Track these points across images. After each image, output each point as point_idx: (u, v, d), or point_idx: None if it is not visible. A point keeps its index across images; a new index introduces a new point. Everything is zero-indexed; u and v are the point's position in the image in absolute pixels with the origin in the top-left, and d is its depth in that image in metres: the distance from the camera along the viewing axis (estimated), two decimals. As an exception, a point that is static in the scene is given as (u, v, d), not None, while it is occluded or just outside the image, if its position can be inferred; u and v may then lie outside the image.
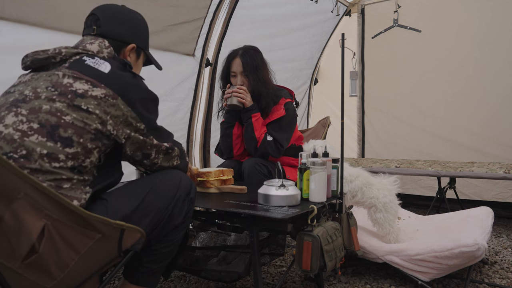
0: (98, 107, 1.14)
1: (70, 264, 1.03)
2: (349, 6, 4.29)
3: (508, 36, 3.45)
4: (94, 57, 1.23)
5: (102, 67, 1.20)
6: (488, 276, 2.17)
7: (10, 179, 0.90)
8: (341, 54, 1.79)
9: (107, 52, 1.30)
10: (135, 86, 1.25)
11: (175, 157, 1.40)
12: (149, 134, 1.28)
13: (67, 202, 0.98)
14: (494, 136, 3.53)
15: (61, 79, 1.15)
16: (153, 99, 1.32)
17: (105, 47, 1.30)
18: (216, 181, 1.93)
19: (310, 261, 1.52)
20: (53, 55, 1.21)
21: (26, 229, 0.94)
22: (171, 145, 1.37)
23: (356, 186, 2.10)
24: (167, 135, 1.40)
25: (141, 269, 1.32)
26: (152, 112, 1.32)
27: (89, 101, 1.13)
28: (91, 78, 1.16)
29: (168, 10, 2.64)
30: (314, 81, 4.58)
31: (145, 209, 1.22)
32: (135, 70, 1.45)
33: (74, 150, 1.10)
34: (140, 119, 1.24)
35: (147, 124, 1.27)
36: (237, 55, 2.26)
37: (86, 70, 1.18)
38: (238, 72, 2.25)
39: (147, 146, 1.29)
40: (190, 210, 1.38)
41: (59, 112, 1.11)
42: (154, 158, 1.33)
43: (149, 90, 1.31)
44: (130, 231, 1.13)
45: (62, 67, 1.19)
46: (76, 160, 1.11)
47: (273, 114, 2.26)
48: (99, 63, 1.21)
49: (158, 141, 1.32)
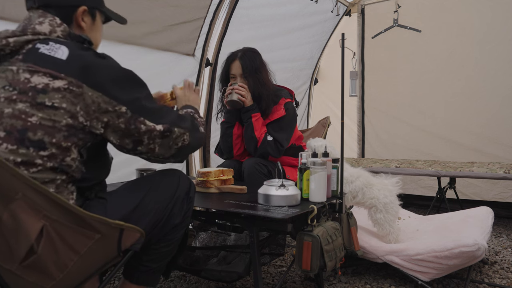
0: (64, 100, 1.04)
1: (69, 265, 1.02)
2: (349, 6, 4.29)
3: (508, 36, 3.45)
4: (48, 42, 1.09)
5: (59, 53, 1.07)
6: (488, 276, 2.17)
7: (7, 180, 0.89)
8: (341, 54, 1.79)
9: (60, 31, 1.15)
10: (99, 66, 1.11)
11: (178, 138, 1.24)
12: (136, 116, 1.14)
13: (65, 202, 0.98)
14: (494, 136, 3.53)
15: (17, 75, 1.04)
16: (127, 75, 1.18)
17: (57, 25, 1.15)
18: (216, 181, 1.93)
19: (310, 261, 1.52)
20: (1, 47, 1.08)
21: (25, 230, 0.93)
22: (167, 127, 1.20)
23: (356, 187, 2.10)
24: (165, 113, 1.24)
25: (141, 268, 1.31)
26: (132, 90, 1.16)
27: (53, 96, 1.04)
28: (49, 69, 1.05)
29: (168, 10, 2.64)
30: (314, 81, 4.58)
31: (144, 208, 1.22)
32: (93, 34, 1.29)
33: (48, 152, 1.04)
34: (117, 101, 1.11)
35: (130, 105, 1.13)
36: (236, 58, 2.25)
37: (42, 61, 1.06)
38: (237, 74, 2.25)
39: (133, 131, 1.15)
40: (189, 209, 1.37)
41: (23, 114, 1.02)
42: (148, 144, 1.19)
43: (119, 66, 1.17)
44: (130, 230, 1.13)
45: (16, 60, 1.07)
46: (54, 160, 1.05)
47: (273, 114, 2.26)
48: (55, 48, 1.07)
49: (152, 122, 1.17)
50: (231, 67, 2.28)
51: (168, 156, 1.26)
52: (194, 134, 1.30)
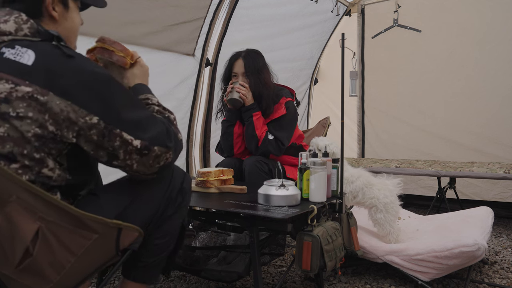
0: (29, 109, 0.95)
1: (66, 266, 1.00)
2: (349, 6, 4.29)
3: (508, 36, 3.44)
4: (14, 46, 0.99)
5: (25, 58, 0.97)
6: (488, 276, 2.17)
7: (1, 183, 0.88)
8: (341, 54, 1.79)
9: (27, 28, 1.04)
10: (67, 69, 0.99)
11: (159, 157, 1.10)
12: (111, 127, 1.02)
13: (61, 203, 0.96)
14: (494, 136, 3.53)
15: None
16: (100, 79, 1.04)
17: (23, 22, 1.04)
18: (216, 181, 1.93)
19: (310, 261, 1.52)
20: None
21: (20, 232, 0.92)
22: (146, 144, 1.06)
23: (357, 187, 2.10)
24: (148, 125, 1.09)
25: (137, 264, 1.28)
26: (107, 97, 1.03)
27: (17, 105, 0.95)
28: (12, 75, 0.96)
29: (168, 10, 2.64)
30: (314, 81, 4.58)
31: (138, 203, 1.19)
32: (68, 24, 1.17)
33: (20, 164, 0.97)
34: (88, 110, 1.00)
35: (103, 115, 1.02)
36: (239, 57, 2.29)
37: (6, 66, 0.97)
38: (239, 73, 2.28)
39: (107, 145, 1.04)
40: (183, 200, 1.31)
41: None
42: (125, 160, 1.07)
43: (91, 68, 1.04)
44: (128, 230, 1.11)
45: None
46: (30, 173, 0.98)
47: (274, 113, 2.28)
48: (21, 53, 0.98)
49: (130, 136, 1.05)
50: (234, 66, 2.31)
51: (149, 174, 1.14)
52: (177, 149, 1.17)
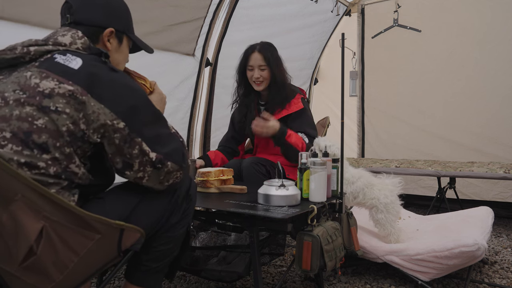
0: (67, 106, 1.06)
1: (69, 266, 1.02)
2: (349, 6, 4.29)
3: (508, 36, 3.45)
4: (66, 54, 1.13)
5: (73, 64, 1.10)
6: (488, 276, 2.17)
7: (7, 181, 0.89)
8: (341, 54, 1.79)
9: (81, 43, 1.19)
10: (108, 79, 1.12)
11: (170, 174, 1.19)
12: (134, 135, 1.12)
13: (66, 203, 0.98)
14: (494, 136, 3.53)
15: (29, 80, 1.07)
16: (135, 95, 1.17)
17: (78, 38, 1.19)
18: (216, 181, 1.93)
19: (310, 261, 1.52)
20: (22, 55, 1.12)
21: (24, 231, 0.93)
22: (161, 158, 1.16)
23: (358, 187, 2.09)
24: (167, 142, 1.20)
25: (141, 268, 1.30)
26: (137, 110, 1.15)
27: (57, 100, 1.05)
28: (59, 75, 1.07)
29: (168, 10, 2.64)
30: (314, 81, 4.58)
31: (144, 208, 1.21)
32: (117, 56, 1.34)
33: (51, 155, 1.04)
34: (117, 115, 1.10)
35: (130, 122, 1.12)
36: (255, 49, 2.31)
37: (55, 68, 1.09)
38: (256, 65, 2.30)
39: (126, 152, 1.13)
40: (189, 208, 1.35)
41: (30, 117, 1.04)
42: (138, 171, 1.16)
43: (130, 85, 1.18)
44: (130, 231, 1.12)
45: (32, 66, 1.11)
46: (58, 165, 1.05)
47: (291, 106, 2.29)
48: (70, 59, 1.11)
49: (148, 147, 1.14)
50: (250, 58, 2.32)
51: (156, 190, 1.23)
52: (186, 171, 1.26)
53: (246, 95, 2.43)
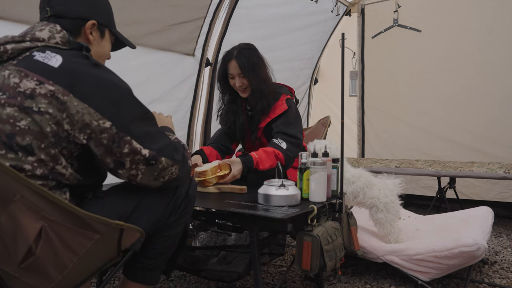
0: (50, 106, 1.02)
1: (68, 266, 1.01)
2: (349, 6, 4.29)
3: (508, 36, 3.45)
4: (45, 51, 1.08)
5: (52, 61, 1.05)
6: (488, 276, 2.17)
7: (5, 181, 0.89)
8: (341, 54, 1.79)
9: (59, 37, 1.13)
10: (90, 76, 1.07)
11: (165, 170, 1.17)
12: (122, 134, 1.09)
13: (65, 203, 0.97)
14: (494, 136, 3.53)
15: (7, 79, 1.04)
16: (120, 90, 1.12)
17: (57, 32, 1.14)
18: (214, 179, 1.92)
19: (310, 261, 1.52)
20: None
21: (23, 231, 0.93)
22: (154, 154, 1.13)
23: (358, 187, 2.09)
24: (158, 138, 1.17)
25: (138, 265, 1.30)
26: (123, 107, 1.10)
27: (39, 101, 1.01)
28: (38, 74, 1.03)
29: (168, 10, 2.64)
30: (314, 81, 4.58)
31: (145, 208, 1.21)
32: (99, 50, 1.29)
33: (37, 157, 1.02)
34: (102, 114, 1.06)
35: (116, 121, 1.08)
36: (232, 57, 2.17)
37: (34, 66, 1.04)
38: (235, 74, 2.18)
39: (115, 151, 1.09)
40: (187, 207, 1.35)
41: (11, 119, 1.00)
42: (131, 169, 1.12)
43: (114, 80, 1.12)
44: (130, 230, 1.12)
45: (9, 64, 1.07)
46: (45, 167, 1.03)
47: (275, 110, 2.21)
48: (50, 57, 1.06)
49: (139, 145, 1.11)
50: (228, 67, 2.21)
51: (151, 187, 1.21)
52: (183, 167, 1.23)
53: (233, 101, 2.34)
